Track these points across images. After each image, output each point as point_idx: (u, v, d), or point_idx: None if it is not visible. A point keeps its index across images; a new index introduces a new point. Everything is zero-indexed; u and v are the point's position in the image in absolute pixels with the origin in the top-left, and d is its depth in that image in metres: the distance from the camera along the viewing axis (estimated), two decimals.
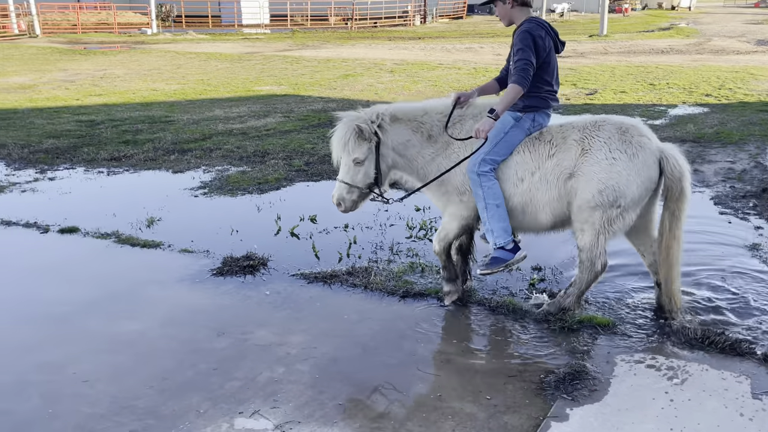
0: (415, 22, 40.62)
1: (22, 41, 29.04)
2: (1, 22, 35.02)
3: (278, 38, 30.87)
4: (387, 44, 26.55)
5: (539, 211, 3.84)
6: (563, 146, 3.77)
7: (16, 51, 24.04)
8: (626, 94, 12.42)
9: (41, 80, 15.87)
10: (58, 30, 33.72)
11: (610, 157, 3.65)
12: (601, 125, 3.76)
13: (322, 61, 19.87)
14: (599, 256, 3.81)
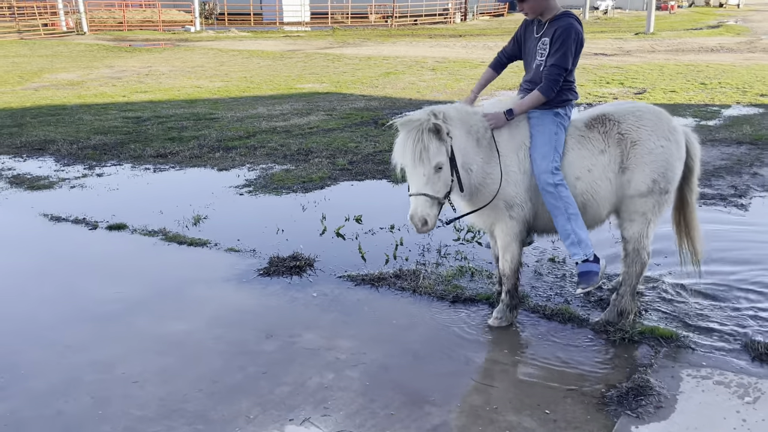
0: (455, 19, 40.30)
1: (70, 38, 29.70)
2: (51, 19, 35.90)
3: (319, 36, 30.94)
4: (428, 42, 26.35)
5: (600, 206, 3.68)
6: (610, 140, 3.65)
7: (64, 48, 24.57)
8: (676, 94, 12.04)
9: (89, 77, 16.15)
10: (104, 27, 34.41)
11: (659, 145, 3.61)
12: (640, 114, 3.68)
13: (363, 58, 19.80)
14: (647, 246, 3.73)
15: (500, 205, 3.63)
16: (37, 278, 4.63)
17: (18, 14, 35.33)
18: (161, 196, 6.46)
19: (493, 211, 3.66)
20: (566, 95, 3.70)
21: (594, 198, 3.66)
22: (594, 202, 3.67)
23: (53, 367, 3.44)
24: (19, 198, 6.47)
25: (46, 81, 15.55)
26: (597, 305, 4.06)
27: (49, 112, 11.19)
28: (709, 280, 4.33)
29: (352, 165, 7.45)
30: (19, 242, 5.38)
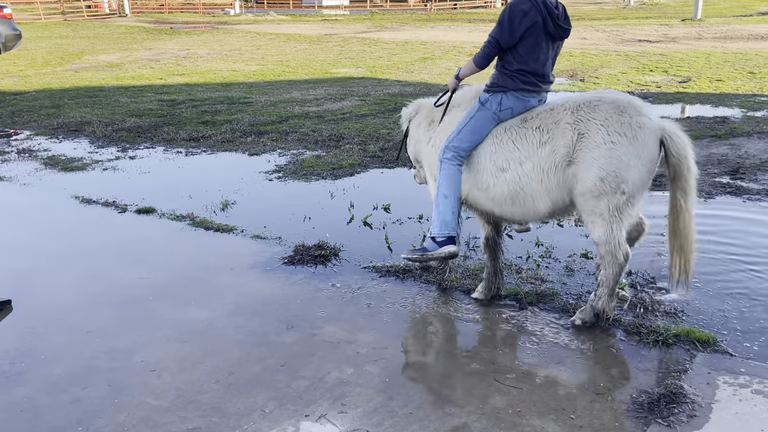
0: (496, 3, 39.64)
1: (112, 20, 30.12)
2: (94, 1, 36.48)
3: (357, 20, 30.75)
4: (467, 26, 25.96)
5: (537, 200, 3.56)
6: (556, 131, 3.47)
7: (106, 30, 24.92)
8: (723, 83, 11.58)
9: (128, 59, 16.32)
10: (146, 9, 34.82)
11: (609, 140, 3.35)
12: (596, 105, 3.44)
13: (400, 43, 19.59)
14: (618, 247, 3.48)
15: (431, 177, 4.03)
16: (64, 261, 4.65)
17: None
18: (191, 180, 6.45)
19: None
20: (500, 81, 3.63)
21: (524, 190, 3.55)
22: (525, 194, 3.56)
23: (73, 353, 3.44)
24: (53, 179, 6.54)
25: (86, 62, 15.78)
26: (630, 305, 3.89)
27: (87, 93, 11.33)
28: (749, 281, 4.12)
29: (383, 152, 7.33)
30: (50, 224, 5.43)
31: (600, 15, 30.89)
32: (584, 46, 18.22)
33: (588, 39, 20.10)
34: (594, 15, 31.04)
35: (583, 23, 26.15)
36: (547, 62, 3.67)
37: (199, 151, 7.56)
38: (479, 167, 3.67)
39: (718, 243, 4.75)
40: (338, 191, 6.06)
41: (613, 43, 18.86)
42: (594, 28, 23.62)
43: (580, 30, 23.24)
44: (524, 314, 3.82)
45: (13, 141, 8.12)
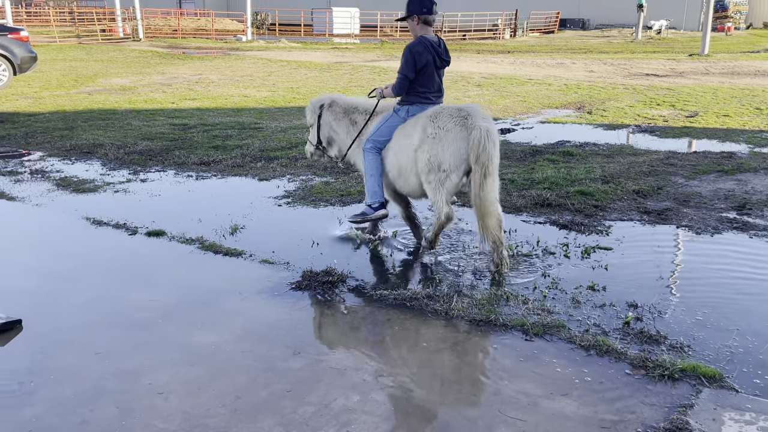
0: (504, 35, 40.09)
1: (126, 44, 30.58)
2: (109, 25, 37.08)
3: (367, 48, 31.13)
4: (475, 57, 26.25)
5: (410, 175, 4.98)
6: (415, 129, 4.91)
7: (120, 53, 25.31)
8: (730, 118, 11.66)
9: (141, 83, 16.55)
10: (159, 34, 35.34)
11: (432, 134, 4.77)
12: (438, 112, 4.85)
13: None
14: (442, 208, 4.85)
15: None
16: (74, 282, 4.70)
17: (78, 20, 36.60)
18: (201, 204, 6.52)
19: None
20: (407, 98, 5.10)
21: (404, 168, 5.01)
22: (405, 171, 5.01)
23: (82, 374, 3.47)
24: (65, 200, 6.62)
25: (99, 85, 16.01)
26: (636, 338, 3.90)
27: (100, 116, 11.49)
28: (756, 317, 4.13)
29: None
30: (61, 244, 5.49)
31: (608, 48, 31.20)
32: (592, 78, 18.39)
33: (595, 72, 20.29)
34: (602, 48, 31.35)
35: (591, 56, 26.41)
36: (438, 82, 5.15)
37: (209, 175, 7.64)
38: (388, 155, 5.10)
39: (725, 278, 4.77)
40: (347, 217, 6.11)
41: (621, 76, 19.03)
42: (602, 61, 23.85)
43: (587, 63, 23.47)
44: (530, 345, 3.83)
45: (27, 162, 8.23)
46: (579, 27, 48.10)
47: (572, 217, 6.09)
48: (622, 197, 6.69)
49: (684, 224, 5.90)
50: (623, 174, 7.58)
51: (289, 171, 7.83)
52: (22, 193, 6.83)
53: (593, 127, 10.93)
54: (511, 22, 41.33)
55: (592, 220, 6.00)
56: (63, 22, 40.73)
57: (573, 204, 6.41)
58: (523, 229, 5.78)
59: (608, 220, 6.01)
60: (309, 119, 5.71)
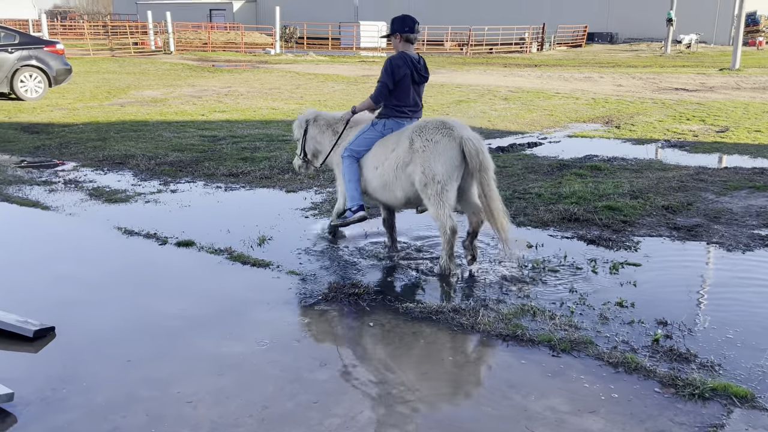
0: (531, 49, 40.02)
1: (158, 57, 31.16)
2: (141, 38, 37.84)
3: None
4: (502, 71, 26.24)
5: (395, 189, 5.19)
6: (400, 144, 5.10)
7: (151, 66, 25.78)
8: (762, 134, 11.48)
9: (172, 95, 16.84)
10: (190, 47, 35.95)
11: (422, 147, 4.92)
12: (423, 126, 5.03)
13: (436, 85, 19.87)
14: (446, 222, 4.93)
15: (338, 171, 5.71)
16: (106, 290, 4.79)
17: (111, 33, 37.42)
18: (229, 215, 6.61)
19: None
20: (385, 111, 5.39)
21: (387, 182, 5.21)
22: (389, 185, 5.21)
23: (113, 381, 3.53)
24: (97, 210, 6.76)
25: (131, 97, 16.32)
26: (666, 356, 3.85)
27: (132, 127, 11.71)
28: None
29: None
30: (93, 253, 5.60)
31: (636, 62, 30.94)
32: (620, 92, 18.25)
33: (624, 86, 20.14)
34: (630, 62, 31.11)
35: (619, 70, 26.22)
36: (415, 97, 5.39)
37: (238, 186, 7.74)
38: (366, 165, 5.34)
39: (756, 296, 4.69)
40: (373, 230, 6.14)
41: (650, 90, 18.86)
42: (630, 75, 23.66)
43: (615, 77, 23.30)
44: (557, 361, 3.80)
45: (61, 171, 8.41)
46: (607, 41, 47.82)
47: (600, 232, 6.05)
48: (651, 213, 6.62)
49: (714, 241, 5.82)
50: (652, 189, 7.50)
51: (316, 183, 7.90)
52: (56, 202, 6.98)
53: (621, 142, 10.84)
54: (538, 36, 41.24)
55: (620, 236, 5.95)
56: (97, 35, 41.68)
57: (601, 219, 6.36)
58: (550, 244, 5.75)
59: (637, 236, 5.95)
60: (296, 134, 6.06)
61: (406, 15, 5.39)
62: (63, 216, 6.56)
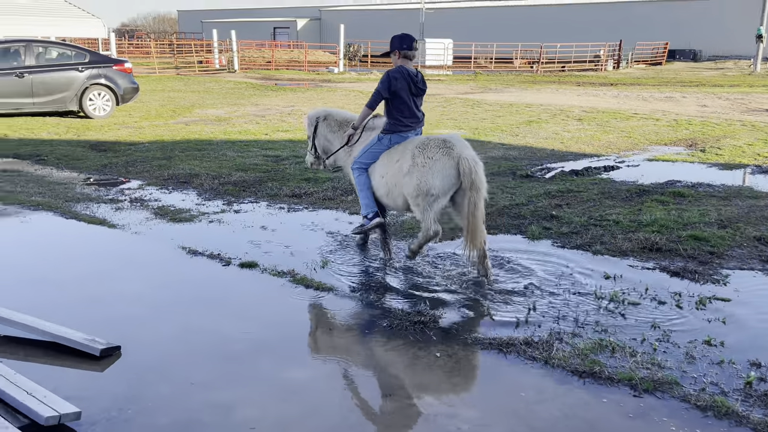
0: (607, 66, 39.39)
1: (222, 75, 32.24)
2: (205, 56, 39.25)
3: (460, 80, 31.38)
4: (575, 90, 25.91)
5: (397, 197, 5.75)
6: (404, 156, 5.63)
7: (215, 85, 26.69)
8: None
9: (235, 114, 17.37)
10: (253, 66, 37.03)
11: (422, 163, 5.45)
12: (426, 144, 5.53)
13: (505, 105, 19.79)
14: (430, 226, 5.53)
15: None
16: (170, 310, 4.95)
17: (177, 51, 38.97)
18: (293, 236, 6.73)
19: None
20: (389, 127, 5.87)
21: (391, 190, 5.79)
22: (392, 192, 5.78)
23: (177, 404, 3.63)
24: (162, 229, 7.01)
25: (196, 116, 16.92)
26: (760, 401, 3.68)
27: (197, 146, 12.12)
28: None
29: (486, 218, 7.36)
30: (158, 273, 5.80)
31: (722, 81, 30.00)
32: (705, 114, 17.72)
33: (709, 106, 19.54)
34: (715, 81, 30.19)
35: (704, 89, 25.47)
36: (414, 110, 5.88)
37: (300, 207, 7.88)
38: (374, 174, 5.90)
39: None
40: (439, 256, 6.14)
41: (738, 111, 18.23)
42: (716, 95, 22.95)
43: (700, 96, 22.64)
44: (639, 402, 3.68)
45: (127, 190, 8.77)
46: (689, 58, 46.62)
47: (685, 263, 5.86)
48: (741, 244, 6.37)
49: None
50: (742, 218, 7.22)
51: None
52: (122, 221, 7.28)
53: (707, 167, 10.50)
54: (615, 53, 40.57)
55: (707, 268, 5.75)
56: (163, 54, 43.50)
57: (685, 249, 6.17)
58: (630, 276, 5.60)
59: (726, 269, 5.74)
60: (307, 131, 6.59)
61: (405, 34, 5.94)
62: (129, 234, 6.83)
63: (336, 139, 6.35)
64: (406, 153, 5.64)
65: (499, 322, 4.75)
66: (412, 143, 5.66)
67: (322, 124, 6.42)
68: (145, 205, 7.98)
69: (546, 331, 4.56)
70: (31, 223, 7.26)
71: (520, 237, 6.73)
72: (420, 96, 5.94)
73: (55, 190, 8.62)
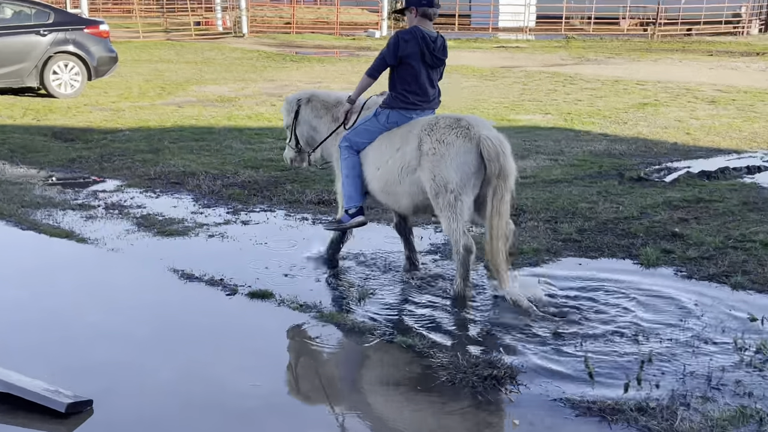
0: (751, 30, 38.75)
1: (226, 41, 32.75)
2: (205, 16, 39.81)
3: (546, 47, 31.26)
4: (706, 61, 25.59)
5: (400, 196, 5.96)
6: (407, 143, 5.80)
7: (217, 53, 27.16)
8: None
9: (243, 92, 17.64)
10: (267, 29, 37.49)
11: (432, 149, 5.58)
12: (434, 124, 5.72)
13: (608, 81, 19.63)
14: (459, 239, 5.65)
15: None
16: (157, 353, 5.05)
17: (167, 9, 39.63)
18: (320, 258, 6.79)
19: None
20: (389, 100, 6.07)
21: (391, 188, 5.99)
22: (392, 190, 6.00)
23: None
24: (147, 245, 7.15)
25: (191, 95, 17.24)
26: None
27: (192, 135, 12.34)
28: None
29: (583, 235, 7.33)
30: (142, 303, 5.92)
31: None
32: None
33: None
34: None
35: None
36: (426, 85, 6.04)
37: (329, 218, 7.93)
38: (366, 162, 6.10)
39: None
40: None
41: None
42: None
43: None
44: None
45: (101, 193, 8.97)
46: None
47: None
48: None
49: None
50: None
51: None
52: (94, 233, 7.45)
53: None
54: (762, 11, 39.88)
55: None
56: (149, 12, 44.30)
57: None
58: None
59: None
60: (285, 119, 6.82)
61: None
62: (104, 252, 6.98)
63: (323, 126, 6.57)
64: (409, 139, 5.80)
65: (601, 378, 4.70)
66: (417, 125, 5.84)
67: (305, 108, 6.62)
68: (125, 212, 8.15)
69: (666, 392, 4.51)
70: None
71: (630, 262, 6.66)
72: (436, 68, 6.10)
73: (7, 192, 8.87)
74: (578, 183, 9.36)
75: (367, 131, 6.11)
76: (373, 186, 6.11)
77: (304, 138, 6.73)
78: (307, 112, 6.62)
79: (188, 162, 10.36)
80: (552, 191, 8.93)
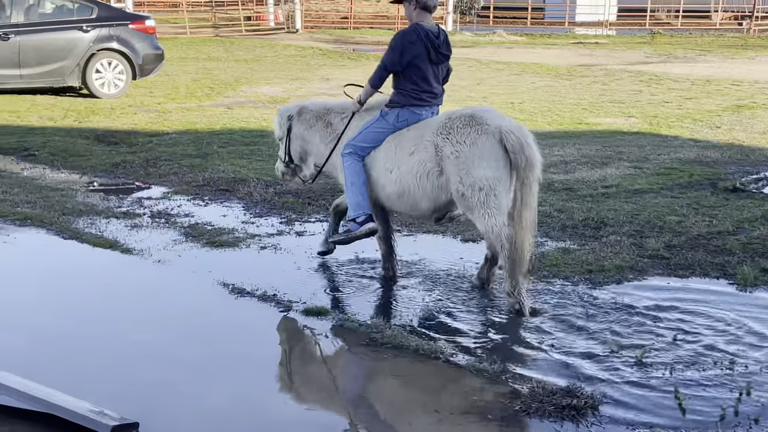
0: None
1: (278, 37, 33.10)
2: (256, 11, 40.24)
3: (629, 43, 30.94)
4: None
5: (420, 200, 6.16)
6: (421, 147, 6.03)
7: (269, 50, 27.45)
8: None
9: (297, 92, 17.79)
10: (323, 24, 37.79)
11: (454, 152, 5.80)
12: (449, 125, 5.93)
13: (699, 81, 19.37)
14: (500, 233, 5.84)
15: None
16: (208, 374, 5.10)
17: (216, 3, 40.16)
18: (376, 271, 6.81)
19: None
20: (397, 98, 6.23)
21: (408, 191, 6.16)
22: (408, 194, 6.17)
23: None
24: (195, 257, 7.24)
25: (242, 95, 17.43)
26: None
27: (243, 139, 12.48)
28: None
29: (671, 251, 7.23)
30: (191, 320, 6.00)
31: None
32: None
33: None
34: None
35: None
36: (433, 82, 6.28)
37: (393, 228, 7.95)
38: (374, 166, 6.27)
39: None
40: (598, 308, 6.07)
41: None
42: None
43: None
44: None
45: (146, 200, 9.11)
46: None
47: None
48: None
49: None
50: None
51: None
52: (140, 243, 7.57)
53: None
54: None
55: None
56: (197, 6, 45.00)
57: None
58: None
59: None
60: (277, 132, 7.07)
61: None
62: (149, 263, 7.10)
63: (315, 135, 6.82)
64: (423, 143, 6.01)
65: (694, 411, 4.62)
66: (428, 129, 6.06)
67: (297, 122, 6.85)
68: (171, 221, 8.26)
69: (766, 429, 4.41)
70: (16, 245, 7.67)
71: (725, 282, 6.55)
72: (441, 64, 6.30)
73: (48, 199, 9.05)
74: (666, 194, 9.23)
75: (374, 134, 6.27)
76: (387, 191, 6.26)
77: (297, 152, 6.95)
78: (299, 125, 6.84)
79: (239, 168, 10.47)
80: (636, 202, 8.83)
